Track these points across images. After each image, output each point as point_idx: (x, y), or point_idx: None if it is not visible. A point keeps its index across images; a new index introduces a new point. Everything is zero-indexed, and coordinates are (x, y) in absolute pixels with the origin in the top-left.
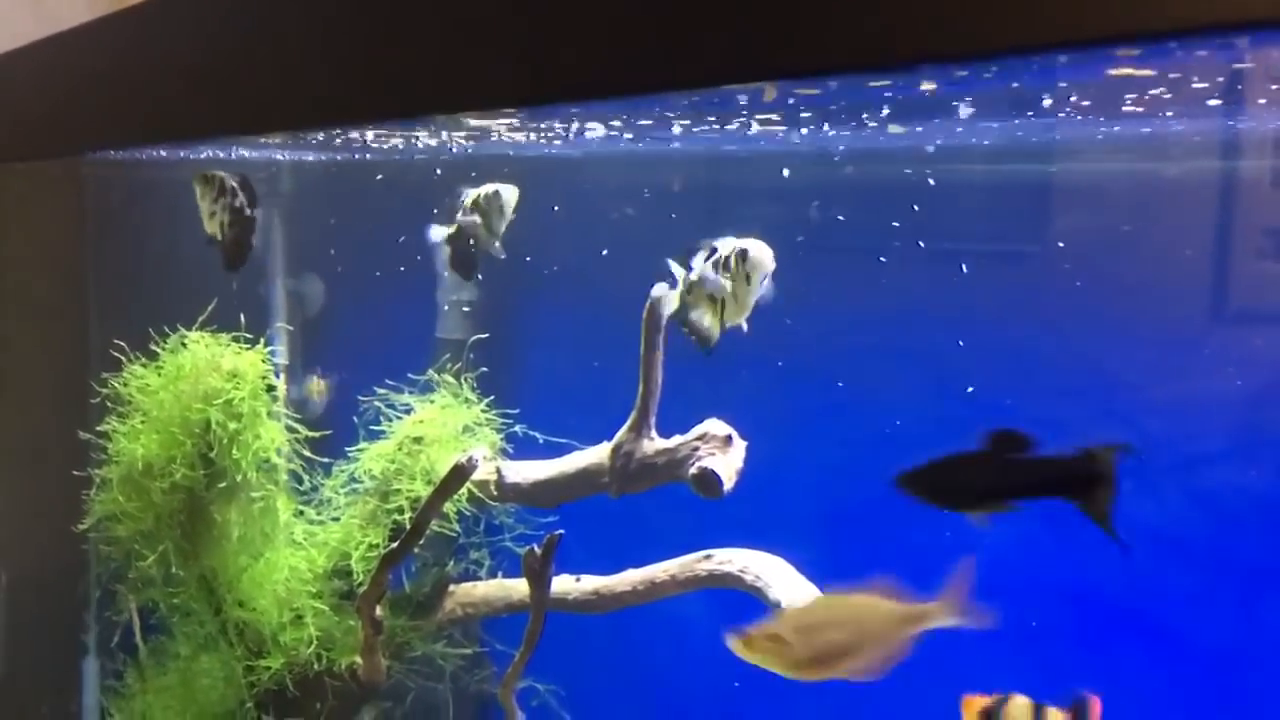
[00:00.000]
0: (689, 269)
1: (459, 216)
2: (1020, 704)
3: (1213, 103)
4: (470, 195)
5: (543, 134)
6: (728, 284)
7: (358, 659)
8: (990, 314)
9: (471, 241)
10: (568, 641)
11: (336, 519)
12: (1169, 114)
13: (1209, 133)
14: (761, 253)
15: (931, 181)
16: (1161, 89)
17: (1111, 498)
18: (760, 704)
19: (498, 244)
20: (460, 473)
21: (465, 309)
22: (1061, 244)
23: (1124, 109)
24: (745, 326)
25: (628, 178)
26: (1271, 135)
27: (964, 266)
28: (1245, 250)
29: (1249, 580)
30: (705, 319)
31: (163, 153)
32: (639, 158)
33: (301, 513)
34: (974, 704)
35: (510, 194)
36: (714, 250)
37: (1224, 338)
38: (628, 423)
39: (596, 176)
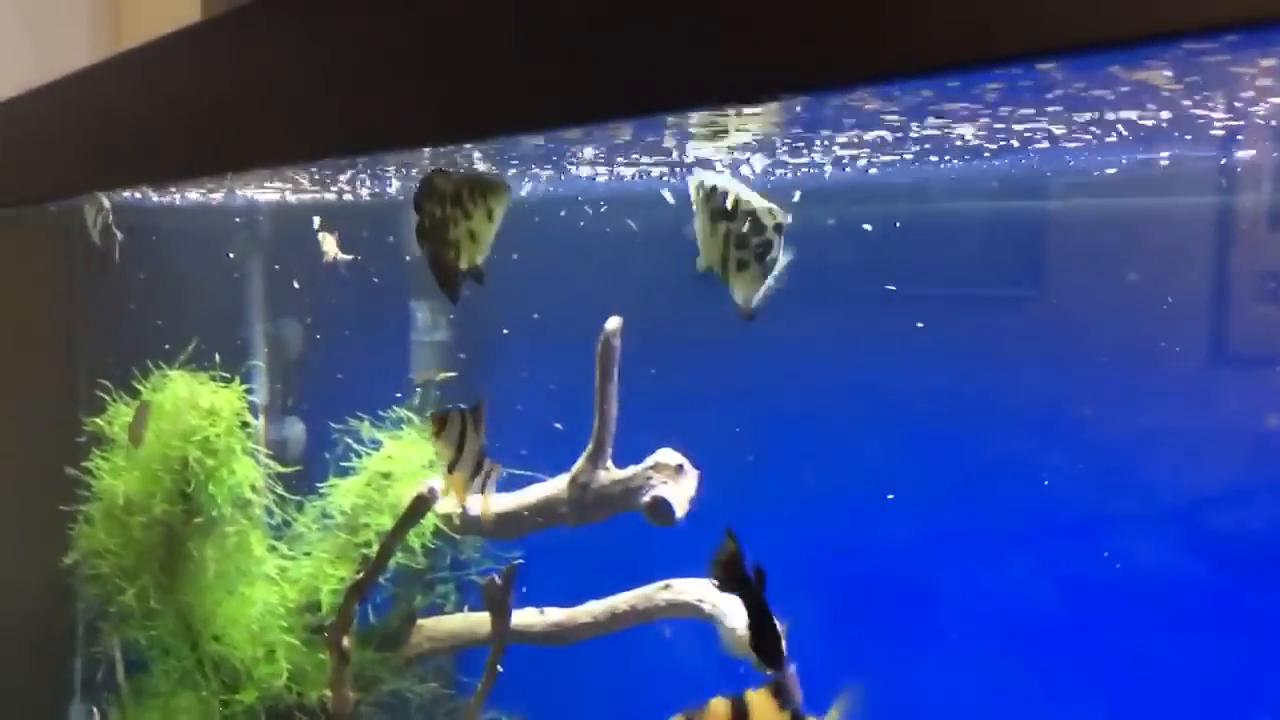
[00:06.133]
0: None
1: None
2: None
3: None
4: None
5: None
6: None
7: (327, 691)
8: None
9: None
10: (536, 673)
11: (309, 554)
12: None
13: None
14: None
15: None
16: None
17: None
18: None
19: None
20: (421, 503)
21: (437, 347)
22: None
23: None
24: None
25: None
26: None
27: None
28: None
29: None
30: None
31: (154, 197)
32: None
33: (274, 548)
34: None
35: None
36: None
37: None
38: (584, 454)
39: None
